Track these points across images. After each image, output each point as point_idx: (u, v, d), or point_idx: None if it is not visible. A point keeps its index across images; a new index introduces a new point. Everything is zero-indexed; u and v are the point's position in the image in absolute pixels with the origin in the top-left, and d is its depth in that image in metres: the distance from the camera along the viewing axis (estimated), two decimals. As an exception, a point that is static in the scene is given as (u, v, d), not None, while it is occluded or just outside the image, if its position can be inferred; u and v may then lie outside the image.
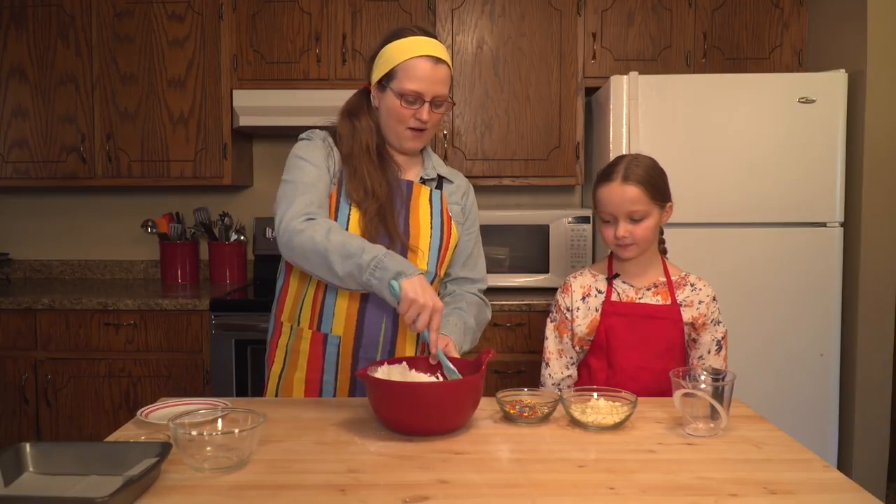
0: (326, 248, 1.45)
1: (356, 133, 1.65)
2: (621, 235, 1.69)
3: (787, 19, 3.11)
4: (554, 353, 1.82)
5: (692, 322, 1.76)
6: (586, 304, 1.78)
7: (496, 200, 3.52)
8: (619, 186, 1.69)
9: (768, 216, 2.72)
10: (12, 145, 3.19)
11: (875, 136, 2.72)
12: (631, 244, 1.70)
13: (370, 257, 1.43)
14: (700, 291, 1.77)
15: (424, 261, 1.66)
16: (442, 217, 1.71)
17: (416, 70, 1.58)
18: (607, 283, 1.78)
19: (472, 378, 1.37)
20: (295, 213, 1.51)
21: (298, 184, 1.57)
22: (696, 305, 1.76)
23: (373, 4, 3.13)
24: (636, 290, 1.77)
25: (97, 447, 1.20)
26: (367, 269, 1.42)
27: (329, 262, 1.45)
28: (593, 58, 3.12)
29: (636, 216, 1.68)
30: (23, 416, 2.93)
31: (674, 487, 1.13)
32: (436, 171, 1.75)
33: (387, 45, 1.62)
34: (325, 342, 1.65)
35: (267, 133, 3.44)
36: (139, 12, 3.14)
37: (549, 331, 1.83)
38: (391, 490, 1.11)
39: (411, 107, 1.60)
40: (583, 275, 1.83)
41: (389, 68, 1.60)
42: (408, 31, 1.62)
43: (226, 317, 2.86)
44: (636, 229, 1.69)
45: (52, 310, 2.90)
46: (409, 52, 1.58)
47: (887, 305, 2.74)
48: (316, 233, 1.47)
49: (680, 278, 1.79)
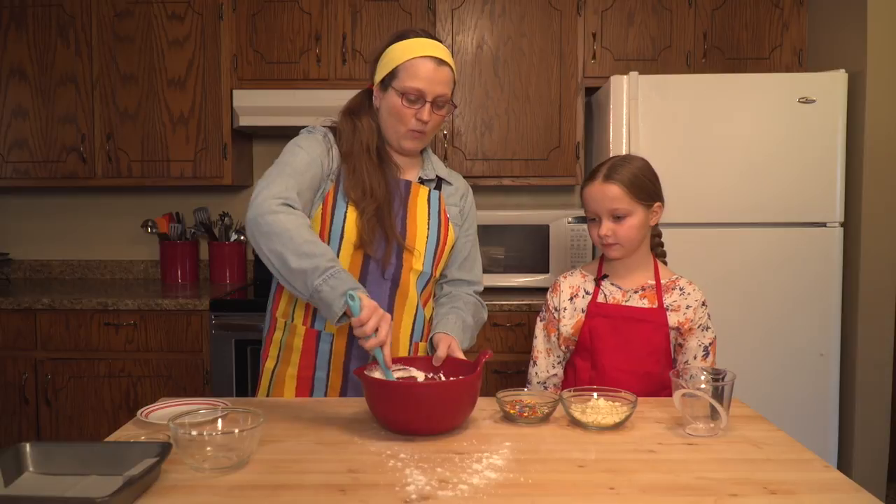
0: (291, 237, 1.42)
1: (357, 132, 1.65)
2: (603, 234, 1.70)
3: (787, 19, 3.11)
4: (542, 351, 1.84)
5: (678, 327, 1.74)
6: (573, 305, 1.79)
7: (496, 200, 3.52)
8: (600, 185, 1.70)
9: (768, 216, 2.71)
10: (12, 145, 3.19)
11: (875, 136, 2.72)
12: (614, 243, 1.71)
13: (330, 264, 1.41)
14: (689, 296, 1.76)
15: (420, 261, 1.66)
16: (439, 218, 1.71)
17: (418, 69, 1.58)
18: (595, 284, 1.79)
19: (468, 378, 1.37)
20: (273, 193, 1.49)
21: (286, 167, 1.56)
22: (682, 310, 1.74)
23: (373, 4, 3.13)
24: (623, 293, 1.77)
25: (97, 447, 1.20)
26: (323, 273, 1.40)
27: (286, 252, 1.42)
28: (593, 58, 3.12)
29: (618, 214, 1.69)
30: (23, 416, 2.93)
31: (674, 487, 1.13)
32: (435, 173, 1.75)
33: (391, 46, 1.62)
34: (318, 339, 1.65)
35: (267, 133, 3.44)
36: (139, 12, 3.14)
37: (538, 329, 1.85)
38: (391, 490, 1.11)
39: (412, 106, 1.60)
40: (573, 275, 1.84)
41: (392, 67, 1.60)
42: (412, 33, 1.63)
43: (226, 317, 2.86)
44: (619, 228, 1.69)
45: (52, 310, 2.90)
46: (413, 52, 1.59)
47: (887, 305, 2.74)
48: (288, 220, 1.44)
49: (670, 281, 1.78)
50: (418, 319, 1.69)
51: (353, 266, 1.63)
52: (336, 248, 1.62)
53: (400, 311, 1.66)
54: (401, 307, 1.66)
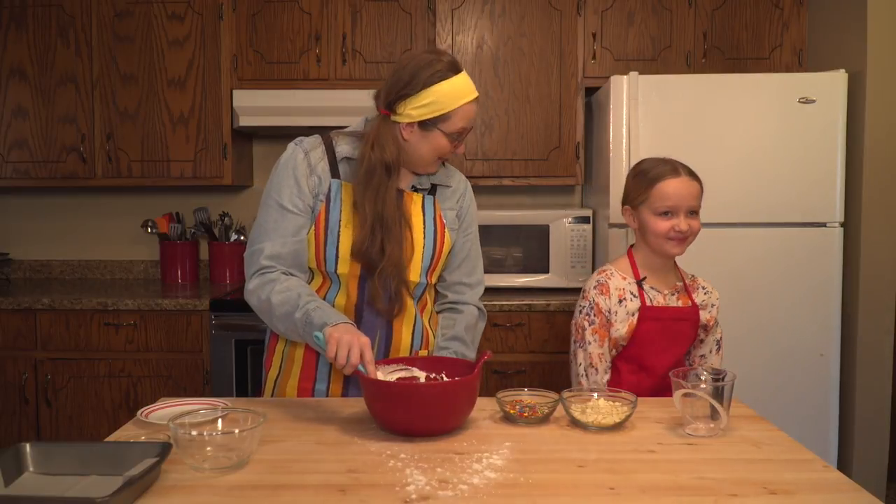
0: (270, 309, 1.55)
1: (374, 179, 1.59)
2: (683, 228, 1.73)
3: (787, 19, 3.11)
4: (597, 357, 1.78)
5: (705, 324, 1.83)
6: (623, 308, 1.79)
7: (496, 200, 3.52)
8: (687, 181, 1.76)
9: (768, 216, 2.71)
10: (12, 145, 3.19)
11: (875, 136, 2.71)
12: (685, 238, 1.76)
13: (301, 314, 1.49)
14: (710, 294, 1.86)
15: (416, 272, 1.65)
16: (435, 225, 1.68)
17: (468, 113, 1.60)
18: (638, 287, 1.80)
19: (467, 378, 1.36)
20: (250, 271, 1.61)
21: (260, 228, 1.63)
22: (709, 308, 1.84)
23: (373, 4, 3.13)
24: (663, 295, 1.81)
25: (97, 447, 1.20)
26: (299, 326, 1.49)
27: (273, 323, 1.58)
28: (593, 58, 3.12)
29: (694, 210, 1.76)
30: (23, 416, 2.93)
31: (674, 487, 1.13)
32: (429, 181, 1.72)
33: (433, 87, 1.55)
34: (318, 352, 1.65)
35: (267, 133, 3.43)
36: (139, 12, 3.14)
37: (589, 334, 1.78)
38: (391, 490, 1.11)
39: (454, 143, 1.63)
40: (614, 276, 1.82)
41: (443, 112, 1.57)
42: (446, 69, 1.57)
43: (226, 317, 2.86)
44: (694, 223, 1.76)
45: (52, 310, 2.90)
46: (462, 98, 1.58)
47: (887, 305, 2.74)
48: (262, 293, 1.57)
49: (692, 281, 1.87)
50: (417, 328, 1.68)
51: (350, 288, 1.63)
52: (333, 267, 1.61)
53: (399, 325, 1.66)
54: (399, 320, 1.66)
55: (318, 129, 1.75)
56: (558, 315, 2.88)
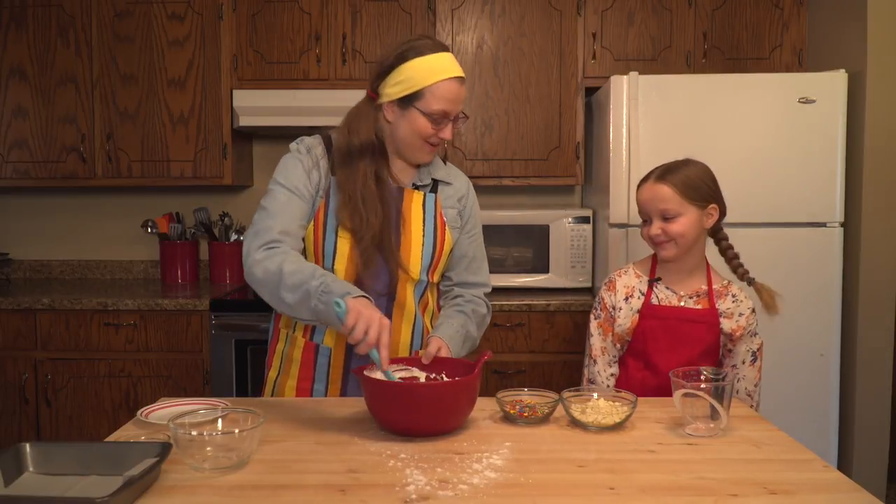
0: (280, 278, 1.47)
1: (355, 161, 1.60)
2: (654, 234, 1.73)
3: (787, 19, 3.11)
4: (599, 350, 1.83)
5: (730, 333, 1.78)
6: (629, 305, 1.80)
7: (496, 200, 3.52)
8: (651, 186, 1.75)
9: (768, 216, 2.71)
10: (12, 145, 3.19)
11: (875, 136, 2.71)
12: (665, 241, 1.73)
13: (318, 283, 1.42)
14: (741, 303, 1.80)
15: (416, 270, 1.65)
16: (435, 223, 1.68)
17: (445, 92, 1.56)
18: (649, 286, 1.80)
19: (467, 379, 1.37)
20: (255, 245, 1.54)
21: (264, 211, 1.59)
22: (735, 317, 1.78)
23: (373, 4, 3.13)
24: (678, 298, 1.79)
25: (97, 447, 1.20)
26: (314, 295, 1.41)
27: (279, 292, 1.48)
28: (593, 58, 3.12)
29: (668, 214, 1.72)
30: (23, 416, 2.93)
31: (674, 487, 1.13)
32: (430, 177, 1.71)
33: (409, 63, 1.55)
34: (316, 352, 1.66)
35: (267, 133, 3.43)
36: (139, 12, 3.14)
37: (593, 328, 1.84)
38: (391, 490, 1.11)
39: (436, 126, 1.59)
40: (627, 274, 1.84)
41: (417, 89, 1.55)
42: (426, 47, 1.56)
43: (226, 317, 2.86)
44: (669, 227, 1.72)
45: (51, 310, 2.90)
46: (438, 75, 1.55)
47: (887, 305, 2.74)
48: (270, 263, 1.50)
49: (722, 287, 1.81)
50: (417, 328, 1.68)
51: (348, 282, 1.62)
52: (330, 266, 1.61)
53: (398, 322, 1.65)
54: (398, 318, 1.65)
55: (319, 129, 1.74)
56: (558, 315, 2.88)
